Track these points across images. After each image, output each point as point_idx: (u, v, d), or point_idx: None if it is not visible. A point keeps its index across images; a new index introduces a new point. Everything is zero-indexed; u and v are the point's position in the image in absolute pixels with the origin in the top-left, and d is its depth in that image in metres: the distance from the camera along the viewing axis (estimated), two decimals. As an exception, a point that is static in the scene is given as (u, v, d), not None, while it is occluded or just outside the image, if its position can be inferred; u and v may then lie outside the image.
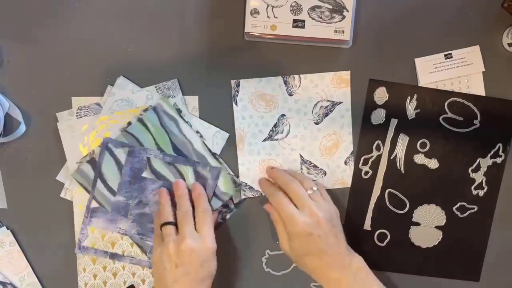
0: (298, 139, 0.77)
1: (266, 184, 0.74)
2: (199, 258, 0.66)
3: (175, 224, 0.70)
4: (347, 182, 0.78)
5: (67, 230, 0.77)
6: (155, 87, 0.75)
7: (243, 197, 0.77)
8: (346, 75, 0.76)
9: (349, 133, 0.77)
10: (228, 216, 0.78)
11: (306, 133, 0.77)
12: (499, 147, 0.78)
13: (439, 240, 0.79)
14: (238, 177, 0.77)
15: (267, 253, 0.79)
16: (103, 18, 0.75)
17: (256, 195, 0.77)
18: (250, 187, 0.77)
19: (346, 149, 0.77)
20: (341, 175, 0.78)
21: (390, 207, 0.78)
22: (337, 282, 0.67)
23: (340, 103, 0.77)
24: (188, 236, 0.66)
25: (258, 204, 0.77)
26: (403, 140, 0.78)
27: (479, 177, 0.79)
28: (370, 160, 0.78)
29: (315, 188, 0.71)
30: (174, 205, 0.72)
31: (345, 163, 0.77)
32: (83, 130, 0.75)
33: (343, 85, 0.76)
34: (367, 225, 0.79)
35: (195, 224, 0.69)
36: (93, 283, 0.77)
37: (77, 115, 0.75)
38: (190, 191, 0.73)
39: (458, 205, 0.79)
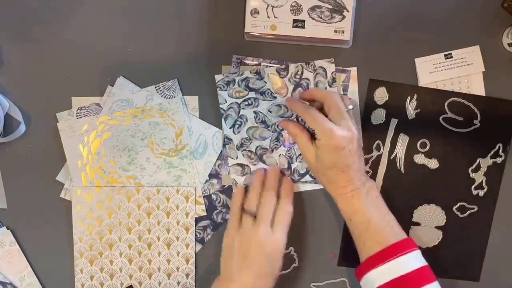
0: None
1: (296, 101, 0.74)
2: (266, 255, 0.69)
3: (255, 215, 0.71)
4: None
5: (67, 230, 0.77)
6: (155, 87, 0.75)
7: None
8: (353, 71, 0.76)
9: (358, 130, 0.77)
10: (228, 216, 0.77)
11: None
12: (499, 147, 0.78)
13: (439, 240, 0.79)
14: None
15: (267, 253, 0.79)
16: (103, 18, 0.75)
17: None
18: None
19: None
20: None
21: (390, 207, 0.78)
22: (351, 195, 0.69)
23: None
24: (262, 232, 0.69)
25: (258, 204, 0.78)
26: (403, 140, 0.78)
27: (479, 177, 0.79)
28: (370, 160, 0.78)
29: (350, 107, 0.72)
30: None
31: None
32: (83, 130, 0.75)
33: (350, 81, 0.77)
34: (367, 225, 0.79)
35: (273, 217, 0.71)
36: (89, 284, 0.77)
37: (77, 115, 0.75)
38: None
39: (458, 205, 0.79)
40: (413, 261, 0.67)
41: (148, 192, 0.77)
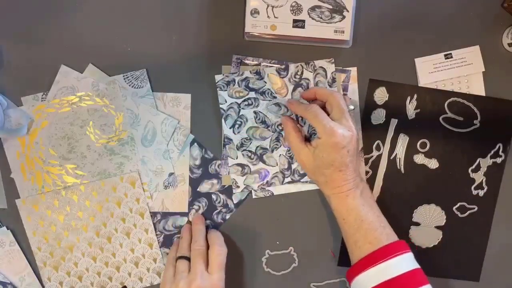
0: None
1: (297, 102, 0.74)
2: None
3: (189, 259, 0.71)
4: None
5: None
6: (123, 76, 0.75)
7: (254, 197, 0.77)
8: (353, 71, 0.76)
9: (359, 129, 0.77)
10: (228, 216, 0.78)
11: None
12: (499, 147, 0.78)
13: (439, 240, 0.79)
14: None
15: (267, 253, 0.79)
16: (103, 18, 0.75)
17: (268, 195, 0.77)
18: (262, 188, 0.77)
19: None
20: None
21: (390, 207, 0.78)
22: (346, 194, 0.70)
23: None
24: (199, 277, 0.68)
25: (258, 205, 0.77)
26: (403, 140, 0.78)
27: (479, 177, 0.79)
28: (370, 160, 0.78)
29: (352, 107, 0.73)
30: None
31: None
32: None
33: (350, 81, 0.77)
34: (367, 225, 0.79)
35: (208, 260, 0.71)
36: None
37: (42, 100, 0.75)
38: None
39: (458, 205, 0.79)
40: (405, 263, 0.67)
41: (93, 186, 0.75)
